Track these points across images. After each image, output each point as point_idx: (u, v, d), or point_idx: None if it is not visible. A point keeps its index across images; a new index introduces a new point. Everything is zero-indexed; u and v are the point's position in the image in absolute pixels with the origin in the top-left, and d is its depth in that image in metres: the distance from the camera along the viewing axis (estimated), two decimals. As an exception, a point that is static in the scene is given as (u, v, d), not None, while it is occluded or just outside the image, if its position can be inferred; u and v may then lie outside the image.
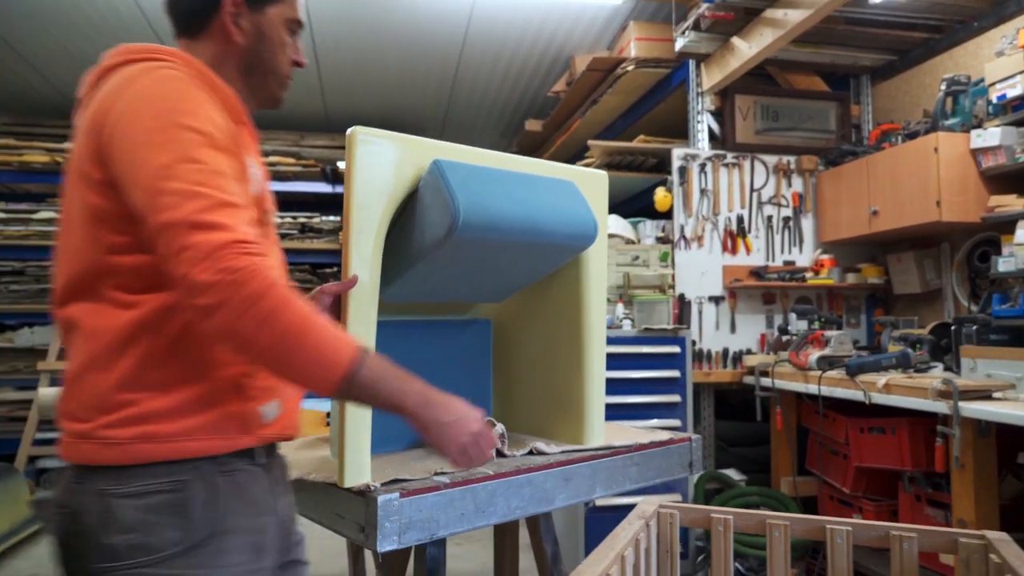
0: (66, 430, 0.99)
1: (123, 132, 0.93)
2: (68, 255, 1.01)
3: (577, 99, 4.59)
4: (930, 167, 2.83)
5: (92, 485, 0.95)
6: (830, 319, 3.17)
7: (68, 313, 1.00)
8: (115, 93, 0.97)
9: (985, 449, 2.19)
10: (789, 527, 1.43)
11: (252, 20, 1.13)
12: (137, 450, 0.95)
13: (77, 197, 1.00)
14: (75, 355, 0.99)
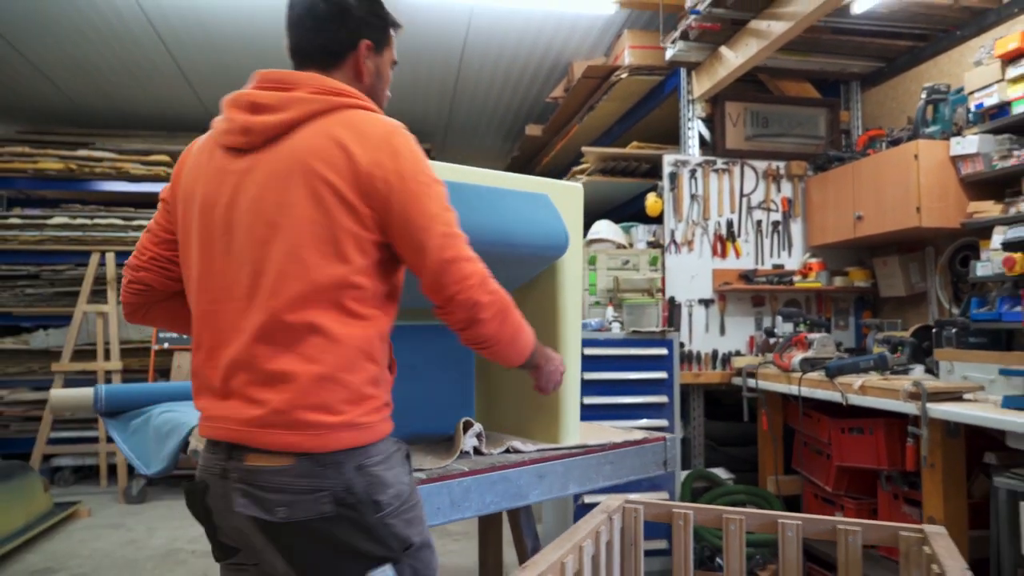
0: (319, 422, 1.11)
1: (404, 186, 1.15)
2: (302, 265, 1.12)
3: (575, 105, 4.68)
4: (911, 174, 2.90)
5: (350, 463, 1.13)
6: (816, 322, 3.24)
7: (307, 317, 1.12)
8: (376, 147, 1.15)
9: (954, 449, 2.26)
10: (744, 521, 1.52)
11: (375, 61, 1.32)
12: (381, 429, 1.19)
13: (321, 217, 1.12)
14: (321, 355, 1.12)
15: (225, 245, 1.17)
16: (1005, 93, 2.70)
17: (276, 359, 1.11)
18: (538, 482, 1.75)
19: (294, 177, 1.13)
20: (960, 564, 1.20)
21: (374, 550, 1.13)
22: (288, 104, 1.17)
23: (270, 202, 1.14)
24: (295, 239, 1.12)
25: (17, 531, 3.68)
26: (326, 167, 1.13)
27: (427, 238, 1.14)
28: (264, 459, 1.11)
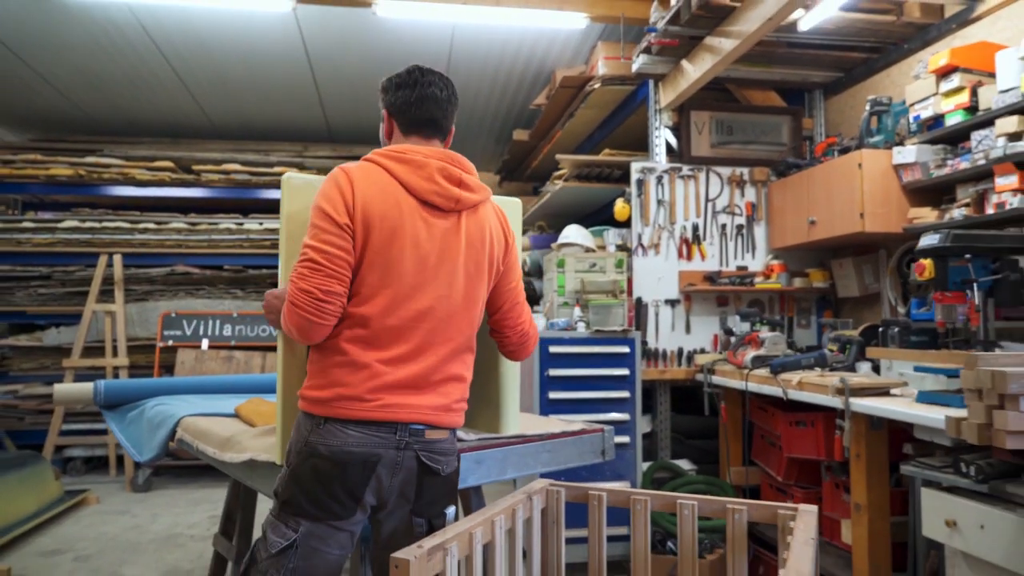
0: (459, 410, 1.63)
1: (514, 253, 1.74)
2: (471, 321, 1.62)
3: (556, 112, 4.87)
4: (855, 181, 3.07)
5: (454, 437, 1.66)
6: (772, 321, 3.42)
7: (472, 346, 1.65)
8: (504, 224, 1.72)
9: (877, 441, 2.44)
10: (648, 501, 1.72)
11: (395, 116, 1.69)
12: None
13: (478, 284, 1.61)
14: (466, 370, 1.64)
15: (455, 270, 1.57)
16: (939, 106, 2.87)
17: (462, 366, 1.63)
18: (476, 467, 1.95)
19: (486, 239, 1.61)
20: (807, 535, 1.40)
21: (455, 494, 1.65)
22: (481, 189, 1.62)
23: (475, 251, 1.60)
24: (479, 287, 1.61)
25: (29, 516, 3.95)
26: (495, 243, 1.65)
27: (518, 287, 1.75)
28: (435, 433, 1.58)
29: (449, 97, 1.65)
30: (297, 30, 4.31)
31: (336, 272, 1.45)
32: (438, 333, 1.54)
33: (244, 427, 2.32)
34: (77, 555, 3.61)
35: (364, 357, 1.47)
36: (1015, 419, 1.52)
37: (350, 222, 1.46)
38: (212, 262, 5.76)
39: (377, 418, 1.47)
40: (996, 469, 1.90)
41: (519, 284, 1.73)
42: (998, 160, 2.58)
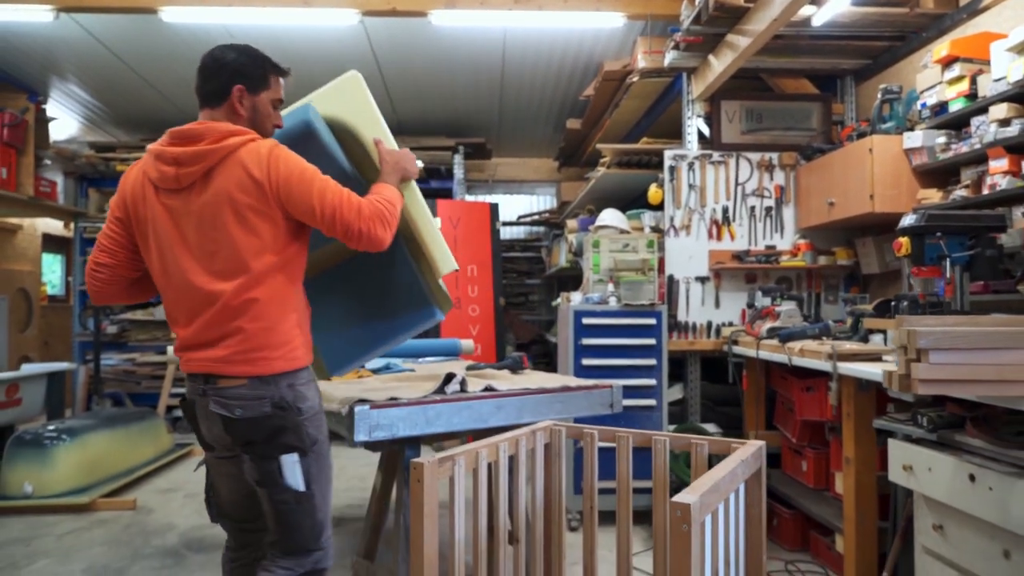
0: (241, 360, 1.75)
1: (281, 175, 1.72)
2: (241, 261, 1.73)
3: (603, 103, 5.19)
4: (866, 165, 3.29)
5: (284, 382, 1.78)
6: (792, 296, 3.67)
7: (251, 294, 1.74)
8: (267, 159, 1.70)
9: (864, 400, 2.71)
10: (630, 437, 2.10)
11: (251, 101, 1.81)
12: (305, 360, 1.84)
13: (225, 245, 1.71)
14: (247, 322, 1.73)
15: (181, 253, 1.73)
16: (943, 94, 3.05)
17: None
18: (496, 411, 2.38)
19: (224, 199, 1.69)
20: (737, 460, 1.75)
21: (292, 441, 1.76)
22: (201, 157, 1.69)
23: (208, 229, 1.71)
24: (233, 249, 1.71)
25: (148, 461, 4.68)
26: (241, 194, 1.69)
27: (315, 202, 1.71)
28: (227, 381, 1.74)
29: (204, 65, 1.79)
30: (366, 39, 4.80)
31: (105, 247, 1.82)
32: (195, 304, 1.73)
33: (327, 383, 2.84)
34: (187, 493, 4.28)
35: (171, 314, 1.82)
36: (925, 369, 1.80)
37: (120, 214, 1.82)
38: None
39: (185, 371, 1.81)
40: (945, 420, 2.18)
41: (319, 207, 1.71)
42: (991, 144, 2.77)
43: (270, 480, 1.75)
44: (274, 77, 1.87)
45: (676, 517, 1.39)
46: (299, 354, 1.81)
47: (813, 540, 3.19)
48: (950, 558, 2.18)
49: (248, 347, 1.73)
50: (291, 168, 1.72)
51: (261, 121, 1.84)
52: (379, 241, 1.78)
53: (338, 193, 1.74)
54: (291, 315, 1.80)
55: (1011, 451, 1.92)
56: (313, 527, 1.81)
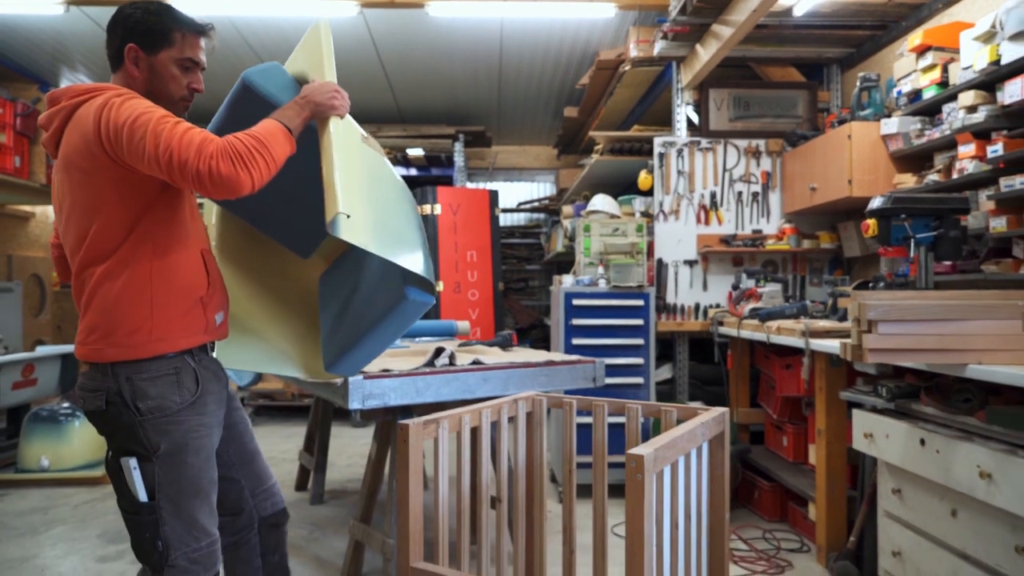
0: (84, 342, 1.60)
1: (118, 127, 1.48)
2: (81, 238, 1.58)
3: (597, 91, 5.31)
4: (844, 151, 3.41)
5: (122, 374, 1.56)
6: (775, 279, 3.81)
7: (89, 273, 1.60)
8: (99, 111, 1.48)
9: (835, 375, 2.85)
10: (605, 405, 2.25)
11: (148, 62, 1.60)
12: (151, 349, 1.58)
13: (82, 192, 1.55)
14: (91, 307, 1.59)
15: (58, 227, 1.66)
16: (918, 82, 3.17)
17: None
18: (483, 383, 2.54)
19: (65, 175, 1.55)
20: (693, 425, 1.89)
21: (128, 443, 1.55)
22: (51, 119, 1.57)
23: (60, 198, 1.59)
24: (78, 218, 1.56)
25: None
26: (77, 157, 1.51)
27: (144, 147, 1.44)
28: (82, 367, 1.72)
29: (107, 26, 1.63)
30: (367, 30, 4.93)
31: None
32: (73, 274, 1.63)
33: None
34: (195, 468, 4.47)
35: None
36: (874, 340, 1.94)
37: None
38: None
39: None
40: (903, 390, 2.32)
41: (152, 154, 1.43)
42: (960, 130, 2.89)
43: (114, 481, 1.60)
44: (181, 34, 1.63)
45: (631, 467, 1.54)
46: (143, 341, 1.55)
47: (791, 510, 3.33)
48: (907, 520, 2.32)
49: (88, 331, 1.57)
50: (123, 115, 1.45)
51: (162, 84, 1.62)
52: (228, 180, 1.43)
53: (175, 132, 1.43)
54: (144, 294, 1.55)
55: (958, 417, 2.06)
56: (155, 542, 1.56)
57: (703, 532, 2.01)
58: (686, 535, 1.88)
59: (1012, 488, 1.74)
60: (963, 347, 1.88)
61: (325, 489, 3.77)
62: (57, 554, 3.02)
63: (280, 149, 1.53)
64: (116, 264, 1.54)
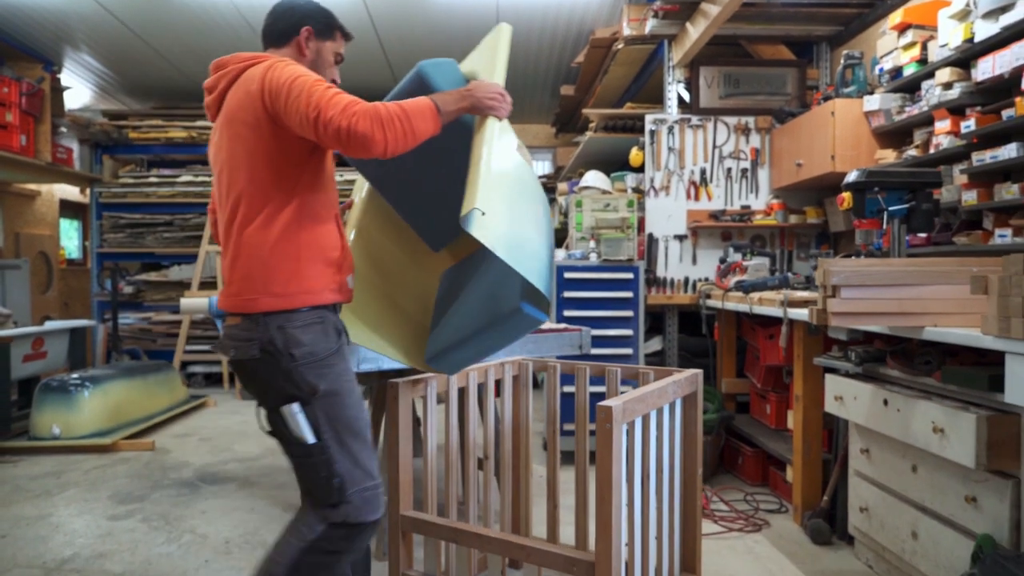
0: (232, 294, 1.67)
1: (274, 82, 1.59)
2: (235, 213, 1.69)
3: (593, 70, 5.38)
4: (828, 128, 3.50)
5: (273, 323, 1.63)
6: (762, 252, 3.91)
7: (253, 224, 1.68)
8: (266, 70, 1.60)
9: (812, 343, 2.96)
10: (588, 369, 2.37)
11: (316, 45, 1.80)
12: (301, 300, 1.66)
13: (239, 165, 1.65)
14: (239, 252, 1.66)
15: (216, 184, 1.74)
16: (899, 59, 3.25)
17: None
18: (473, 349, 2.65)
19: (226, 129, 1.66)
20: (678, 378, 2.01)
21: (288, 389, 1.60)
22: (218, 81, 1.71)
23: (222, 154, 1.68)
24: (237, 173, 1.65)
25: (164, 409, 5.02)
26: (242, 113, 1.62)
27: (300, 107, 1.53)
28: (230, 319, 1.69)
29: (275, 9, 1.80)
30: (366, 13, 5.00)
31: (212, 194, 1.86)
32: (221, 231, 1.72)
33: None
34: (201, 437, 4.63)
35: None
36: (837, 304, 2.05)
37: None
38: (301, 210, 6.67)
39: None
40: (871, 355, 2.44)
41: (304, 111, 1.51)
42: (936, 107, 2.98)
43: (277, 431, 1.67)
44: (339, 33, 1.85)
45: (602, 418, 1.66)
46: (295, 292, 1.64)
47: (772, 474, 3.47)
48: (874, 477, 2.45)
49: (241, 282, 1.64)
50: (285, 75, 1.57)
51: (321, 68, 1.80)
52: (363, 138, 1.49)
53: (326, 93, 1.53)
54: (294, 248, 1.64)
55: (919, 378, 2.18)
56: (330, 479, 1.64)
57: (676, 486, 2.14)
58: (658, 487, 2.01)
59: (960, 441, 1.86)
60: (920, 311, 1.99)
61: (325, 455, 3.92)
62: (71, 513, 3.17)
63: (422, 124, 1.57)
64: (268, 218, 1.62)
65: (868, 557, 2.55)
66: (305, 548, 1.65)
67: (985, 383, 1.86)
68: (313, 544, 1.65)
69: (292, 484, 3.57)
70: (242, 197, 1.64)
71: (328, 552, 1.67)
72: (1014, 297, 1.61)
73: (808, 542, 2.78)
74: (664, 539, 2.04)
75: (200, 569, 2.57)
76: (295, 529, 1.68)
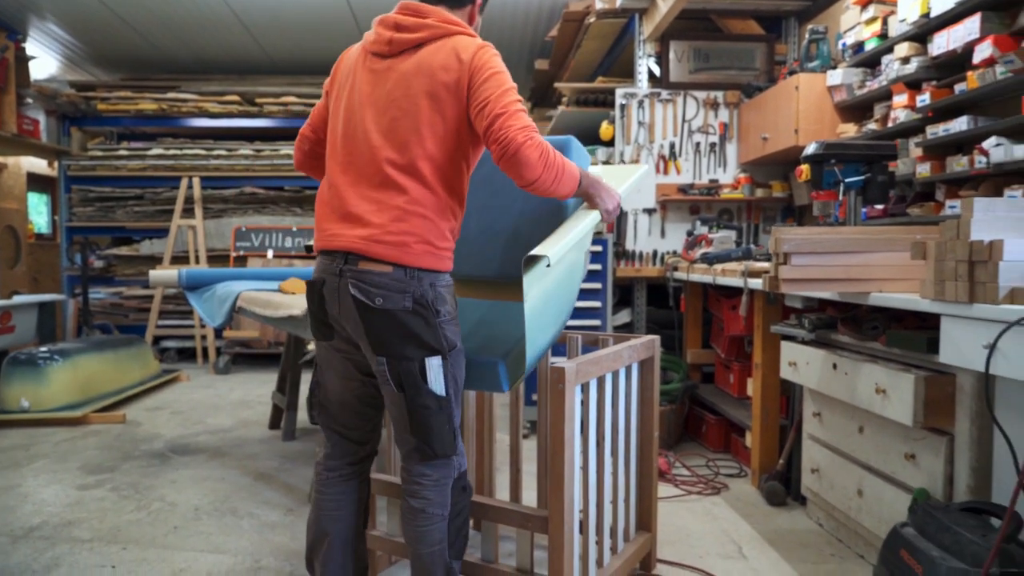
0: (392, 242, 1.62)
1: (481, 77, 1.61)
2: (419, 138, 1.63)
3: (566, 44, 5.38)
4: (792, 102, 3.55)
5: (427, 280, 1.64)
6: (728, 226, 3.98)
7: (416, 176, 1.65)
8: (476, 47, 1.63)
9: (770, 312, 3.04)
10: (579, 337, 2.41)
11: (479, 18, 1.83)
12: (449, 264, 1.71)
13: (415, 116, 1.62)
14: (406, 203, 1.62)
15: (369, 114, 1.66)
16: (861, 34, 3.30)
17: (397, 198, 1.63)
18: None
19: (425, 72, 1.63)
20: (634, 343, 2.07)
21: (432, 342, 1.63)
22: (421, 28, 1.66)
23: (398, 94, 1.64)
24: (415, 121, 1.63)
25: (136, 383, 5.01)
26: (443, 72, 1.62)
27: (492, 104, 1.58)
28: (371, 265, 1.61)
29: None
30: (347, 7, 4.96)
31: (311, 121, 1.85)
32: (363, 168, 1.65)
33: (286, 296, 3.15)
34: (173, 410, 4.64)
35: (323, 197, 1.74)
36: (787, 270, 2.11)
37: (327, 88, 1.82)
38: (275, 184, 6.64)
39: (323, 247, 1.69)
40: (823, 321, 2.52)
41: (493, 102, 1.57)
42: (894, 81, 3.04)
43: (411, 383, 1.63)
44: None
45: (554, 378, 1.72)
46: (447, 256, 1.69)
47: (733, 441, 3.57)
48: (825, 440, 2.55)
49: (401, 231, 1.61)
50: (492, 63, 1.63)
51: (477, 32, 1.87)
52: (525, 160, 1.54)
53: (519, 104, 1.59)
54: (447, 218, 1.68)
55: (866, 343, 2.26)
56: (452, 432, 1.69)
57: (632, 447, 2.20)
58: (614, 448, 2.08)
59: (901, 401, 1.94)
60: (867, 276, 2.06)
61: (296, 427, 3.95)
62: (39, 483, 3.18)
63: (568, 184, 1.66)
64: (435, 181, 1.64)
65: (819, 516, 2.66)
66: (449, 519, 1.69)
67: (924, 345, 1.94)
68: (452, 513, 1.70)
69: (264, 454, 3.62)
70: (416, 148, 1.63)
71: (460, 515, 1.72)
72: (948, 262, 1.68)
73: (764, 503, 2.88)
74: (620, 498, 2.11)
75: (169, 535, 2.60)
76: (423, 515, 1.68)
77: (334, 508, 1.82)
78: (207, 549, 2.47)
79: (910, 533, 1.61)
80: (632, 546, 2.17)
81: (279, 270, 3.95)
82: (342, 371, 1.78)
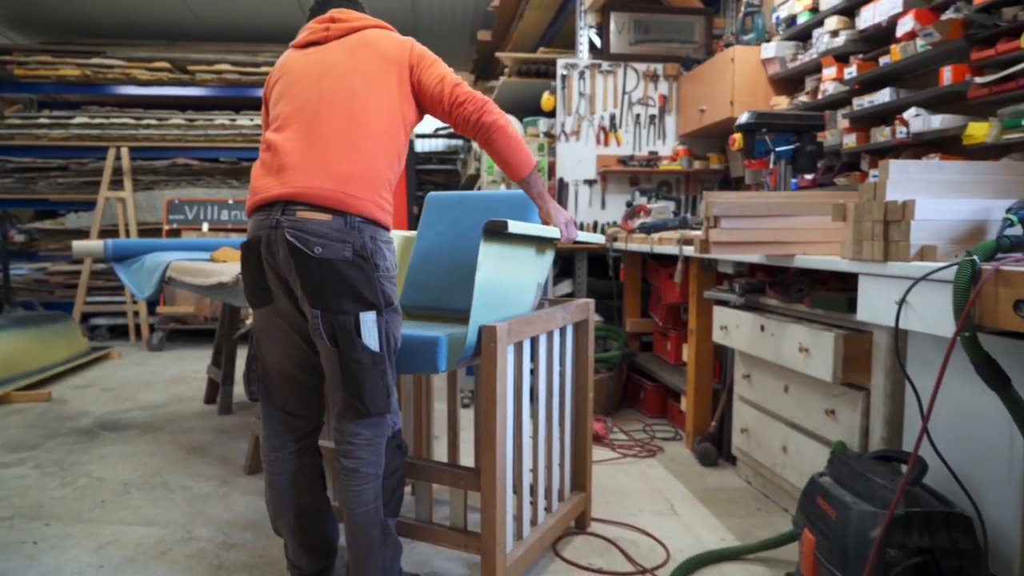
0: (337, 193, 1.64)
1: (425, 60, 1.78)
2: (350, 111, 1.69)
3: (509, 13, 5.33)
4: (728, 75, 3.61)
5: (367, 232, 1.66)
6: (666, 196, 4.03)
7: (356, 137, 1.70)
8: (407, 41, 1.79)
9: (705, 279, 3.11)
10: (485, 301, 2.42)
11: None
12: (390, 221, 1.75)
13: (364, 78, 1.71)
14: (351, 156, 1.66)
15: (308, 86, 1.71)
16: (793, 8, 3.37)
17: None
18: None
19: (366, 45, 1.74)
20: (568, 305, 2.09)
21: (369, 296, 1.62)
22: (356, 19, 1.80)
23: (343, 58, 1.73)
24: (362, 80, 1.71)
25: (63, 361, 4.82)
26: (387, 43, 1.76)
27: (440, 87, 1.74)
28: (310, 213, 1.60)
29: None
30: None
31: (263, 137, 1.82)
32: (305, 125, 1.67)
33: (216, 264, 3.06)
34: (103, 388, 4.48)
35: (258, 167, 1.74)
36: (717, 233, 2.16)
37: (266, 94, 1.88)
38: (209, 155, 6.42)
39: (256, 203, 1.67)
40: (752, 286, 2.59)
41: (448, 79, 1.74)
42: (824, 54, 3.12)
43: (345, 337, 1.60)
44: None
45: (487, 338, 1.72)
46: (388, 211, 1.71)
47: (670, 406, 3.66)
48: (754, 400, 2.63)
49: (347, 178, 1.62)
50: (430, 54, 1.80)
51: None
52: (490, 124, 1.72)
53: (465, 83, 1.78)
54: (387, 171, 1.72)
55: (792, 305, 2.34)
56: (386, 389, 1.67)
57: (567, 408, 2.24)
58: (547, 408, 2.10)
59: (822, 359, 2.02)
60: (792, 239, 2.12)
61: (233, 400, 3.87)
62: (-44, 462, 3.04)
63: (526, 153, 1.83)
64: (378, 136, 1.69)
65: (747, 474, 2.75)
66: (384, 477, 1.68)
67: (844, 305, 2.01)
68: (387, 471, 1.69)
69: (198, 428, 3.53)
70: (367, 106, 1.69)
71: (395, 473, 1.71)
72: (866, 222, 1.74)
73: (697, 464, 2.96)
74: (555, 458, 2.14)
75: (95, 509, 2.53)
76: (357, 474, 1.65)
77: (292, 493, 1.78)
78: (136, 522, 2.41)
79: (826, 481, 1.68)
80: (567, 505, 2.21)
81: (211, 240, 3.84)
82: (283, 340, 1.74)
